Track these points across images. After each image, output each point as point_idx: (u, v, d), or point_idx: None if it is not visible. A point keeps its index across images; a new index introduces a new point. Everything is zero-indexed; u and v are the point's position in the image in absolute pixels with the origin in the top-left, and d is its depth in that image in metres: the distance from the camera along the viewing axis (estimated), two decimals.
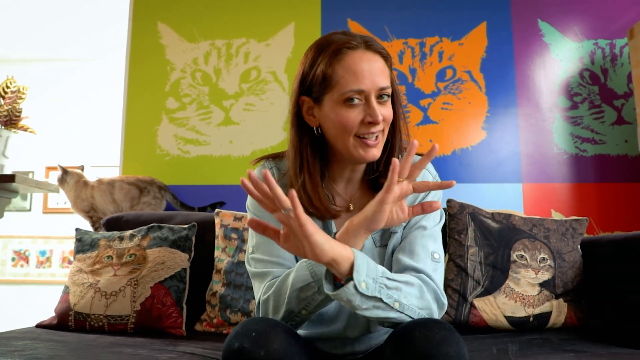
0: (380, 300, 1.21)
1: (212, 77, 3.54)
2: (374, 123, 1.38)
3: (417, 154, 1.64)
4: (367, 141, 1.41)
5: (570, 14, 3.54)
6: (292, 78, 1.55)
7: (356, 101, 1.38)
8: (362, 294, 1.19)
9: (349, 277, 1.19)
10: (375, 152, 1.44)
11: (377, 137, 1.42)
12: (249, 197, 1.61)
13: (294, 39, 3.56)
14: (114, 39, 5.74)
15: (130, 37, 3.62)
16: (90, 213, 3.16)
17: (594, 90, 3.45)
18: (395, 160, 1.16)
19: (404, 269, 1.41)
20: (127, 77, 3.58)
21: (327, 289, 1.23)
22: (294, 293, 1.35)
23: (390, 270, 1.53)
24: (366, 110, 1.38)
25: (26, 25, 5.59)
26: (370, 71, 1.37)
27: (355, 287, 1.18)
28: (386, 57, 1.44)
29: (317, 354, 1.63)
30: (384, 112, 1.41)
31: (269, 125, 3.47)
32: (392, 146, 1.53)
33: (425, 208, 1.26)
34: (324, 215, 1.52)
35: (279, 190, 1.12)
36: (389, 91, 1.41)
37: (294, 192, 1.11)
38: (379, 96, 1.40)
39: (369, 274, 1.21)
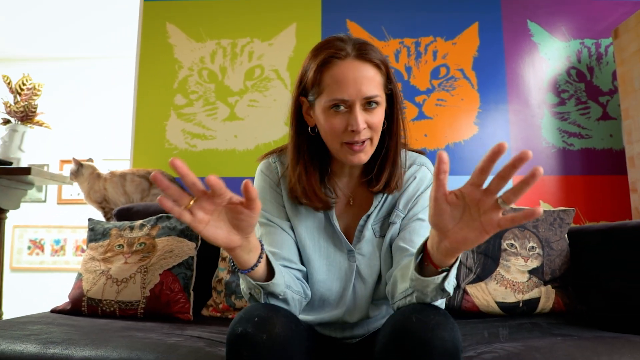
0: (443, 291, 1.20)
1: (218, 75, 3.54)
2: (355, 131, 1.36)
3: (413, 150, 1.64)
4: (353, 146, 1.40)
5: (558, 15, 3.53)
6: (294, 76, 1.55)
7: (341, 108, 1.37)
8: (440, 285, 1.18)
9: (445, 269, 1.16)
10: (362, 157, 1.42)
11: (363, 142, 1.40)
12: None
13: (296, 39, 3.54)
14: (125, 38, 5.72)
15: (140, 37, 3.61)
16: (103, 204, 3.15)
17: (581, 88, 3.45)
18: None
19: (406, 256, 1.41)
20: (137, 75, 3.57)
21: (416, 271, 1.21)
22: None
23: (390, 258, 1.54)
24: (349, 118, 1.37)
25: (42, 26, 5.58)
26: (355, 80, 1.35)
27: (443, 279, 1.17)
28: (378, 65, 1.40)
29: (318, 338, 1.63)
30: (371, 119, 1.38)
31: (271, 120, 3.46)
32: (388, 148, 1.51)
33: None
34: (316, 206, 1.52)
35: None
36: (378, 99, 1.38)
37: None
38: (367, 104, 1.37)
39: (455, 273, 1.22)
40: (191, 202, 1.05)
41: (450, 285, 1.20)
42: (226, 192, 1.05)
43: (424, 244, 1.20)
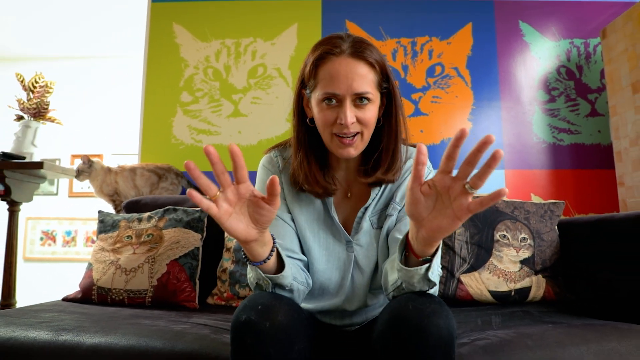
0: (429, 281, 1.21)
1: (222, 73, 3.53)
2: (344, 125, 1.36)
3: (409, 145, 1.64)
4: (343, 140, 1.40)
5: (549, 15, 3.53)
6: (296, 74, 1.55)
7: (333, 102, 1.38)
8: (424, 275, 1.19)
9: (428, 258, 1.18)
10: (352, 151, 1.43)
11: (354, 137, 1.41)
12: (257, 182, 1.61)
13: (297, 38, 3.54)
14: (134, 38, 5.71)
15: (148, 37, 3.60)
16: (114, 197, 3.15)
17: (570, 85, 3.44)
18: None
19: None
20: (145, 73, 3.56)
21: (401, 262, 1.22)
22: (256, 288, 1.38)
23: (387, 249, 1.54)
24: (339, 112, 1.37)
25: (53, 26, 5.56)
26: (347, 76, 1.35)
27: (426, 269, 1.18)
28: (372, 64, 1.39)
29: (318, 325, 1.63)
30: (361, 115, 1.39)
31: (274, 117, 3.45)
32: (385, 145, 1.51)
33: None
34: (317, 191, 1.52)
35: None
36: (370, 96, 1.38)
37: None
38: (359, 99, 1.38)
39: (439, 262, 1.22)
40: (218, 193, 1.07)
41: (434, 275, 1.20)
42: (246, 175, 1.08)
43: (406, 235, 1.22)
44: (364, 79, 1.37)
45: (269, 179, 1.08)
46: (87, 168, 3.13)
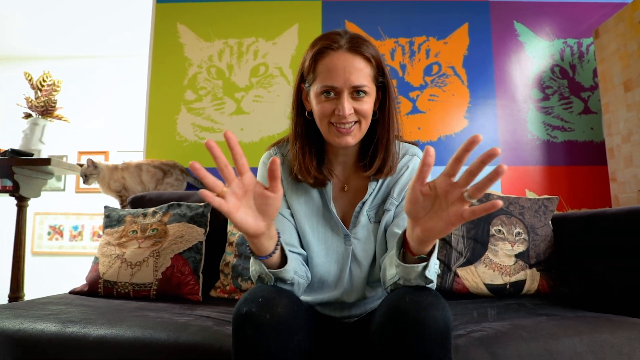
0: (426, 278, 1.21)
1: (225, 72, 3.52)
2: (342, 116, 1.38)
3: (406, 141, 1.64)
4: (340, 129, 1.42)
5: (543, 16, 3.52)
6: (296, 73, 1.55)
7: (331, 95, 1.40)
8: (421, 273, 1.20)
9: (425, 257, 1.18)
10: (349, 140, 1.44)
11: (352, 126, 1.43)
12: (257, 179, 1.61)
13: (298, 38, 3.54)
14: (139, 38, 5.70)
15: (152, 37, 3.59)
16: (122, 192, 3.15)
17: (564, 84, 3.44)
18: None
19: None
20: (150, 72, 3.56)
21: (398, 257, 1.23)
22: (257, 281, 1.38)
23: (384, 243, 1.54)
24: (337, 104, 1.39)
25: (60, 26, 5.56)
26: (345, 70, 1.37)
27: (424, 268, 1.18)
28: (368, 58, 1.42)
29: (318, 318, 1.63)
30: (358, 106, 1.41)
31: (275, 114, 3.45)
32: (380, 137, 1.52)
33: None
34: (309, 182, 1.54)
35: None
36: (366, 89, 1.40)
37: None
38: (355, 92, 1.40)
39: (436, 261, 1.22)
40: (224, 189, 1.08)
41: (431, 273, 1.20)
42: (246, 164, 1.10)
43: (404, 232, 1.22)
44: (361, 72, 1.39)
45: (270, 160, 1.09)
46: (94, 170, 3.13)
